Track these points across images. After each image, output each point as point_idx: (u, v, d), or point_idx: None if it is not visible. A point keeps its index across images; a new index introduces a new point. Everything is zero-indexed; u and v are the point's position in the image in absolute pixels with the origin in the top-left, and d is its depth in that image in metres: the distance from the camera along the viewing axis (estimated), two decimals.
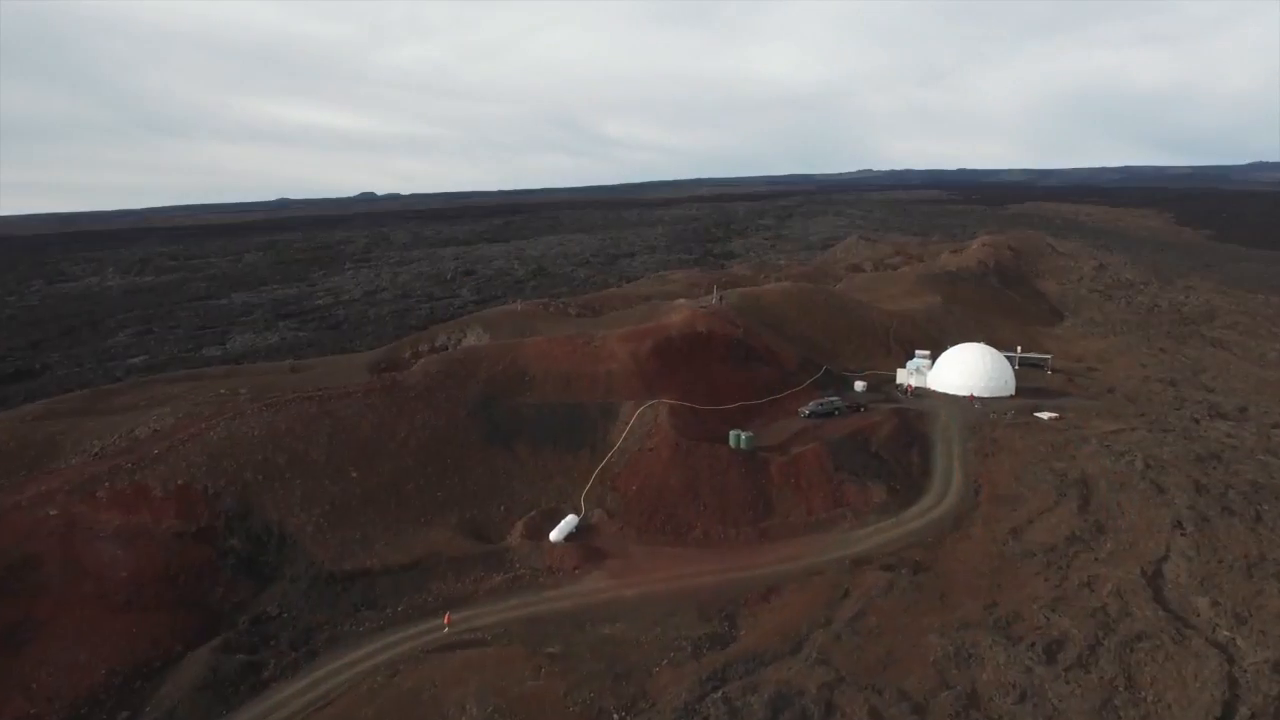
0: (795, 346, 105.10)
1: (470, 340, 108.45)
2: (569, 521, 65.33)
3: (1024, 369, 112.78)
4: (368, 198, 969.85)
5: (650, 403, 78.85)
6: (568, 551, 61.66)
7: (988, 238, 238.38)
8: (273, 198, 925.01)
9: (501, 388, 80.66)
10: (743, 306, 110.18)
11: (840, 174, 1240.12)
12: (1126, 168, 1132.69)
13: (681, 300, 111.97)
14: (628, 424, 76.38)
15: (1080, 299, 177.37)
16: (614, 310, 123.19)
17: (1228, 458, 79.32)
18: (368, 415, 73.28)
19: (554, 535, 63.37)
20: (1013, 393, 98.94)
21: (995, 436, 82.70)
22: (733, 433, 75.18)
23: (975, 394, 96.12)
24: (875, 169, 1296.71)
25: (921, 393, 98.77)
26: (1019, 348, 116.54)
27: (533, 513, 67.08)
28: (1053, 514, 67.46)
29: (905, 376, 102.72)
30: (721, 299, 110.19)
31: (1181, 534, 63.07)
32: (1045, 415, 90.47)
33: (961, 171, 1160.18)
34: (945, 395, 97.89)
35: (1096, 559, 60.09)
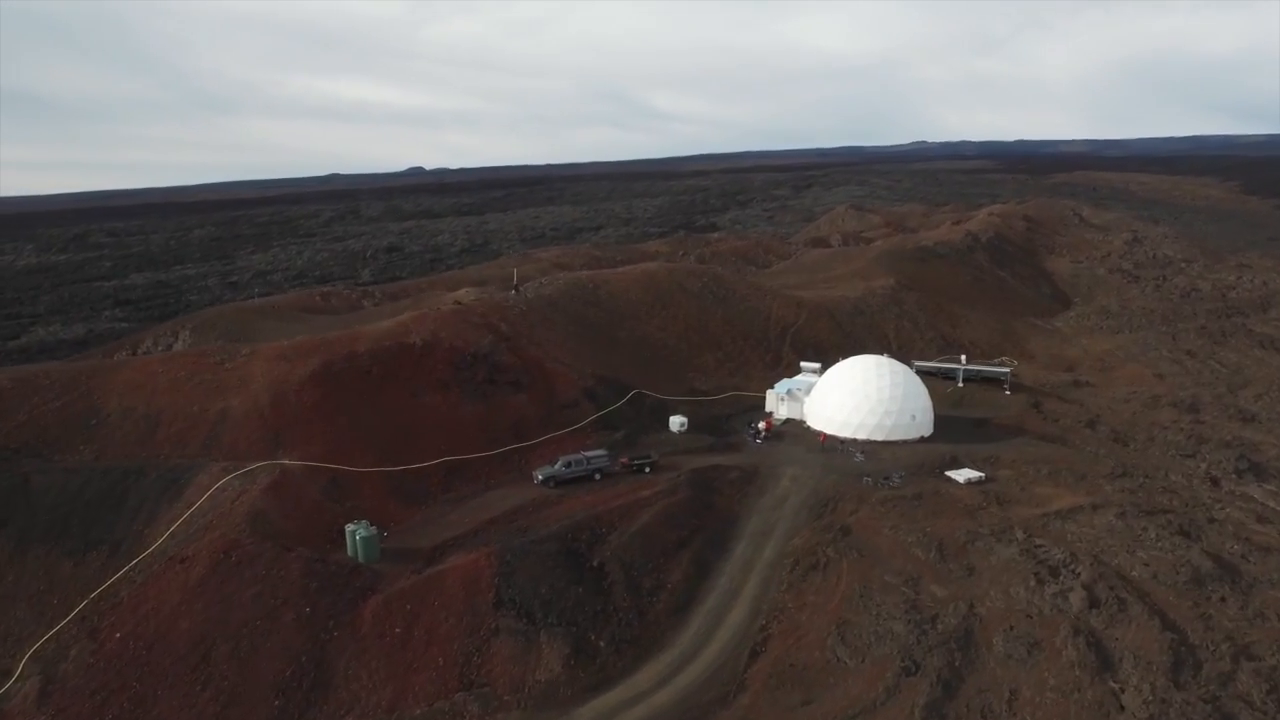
0: (621, 356, 72.41)
1: (179, 347, 78.32)
2: None
3: (971, 387, 78.45)
4: (416, 172, 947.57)
5: (254, 465, 47.56)
6: None
7: (998, 207, 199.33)
8: (324, 173, 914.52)
9: (40, 437, 50.30)
10: (561, 299, 77.52)
11: (894, 146, 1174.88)
12: (1195, 137, 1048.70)
13: (465, 289, 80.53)
14: (192, 505, 45.27)
15: (1096, 281, 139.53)
16: (422, 297, 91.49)
17: (1251, 576, 45.11)
18: None
19: None
20: (928, 432, 65.01)
21: (850, 523, 49.40)
22: (350, 528, 43.49)
23: (838, 435, 62.76)
24: (930, 141, 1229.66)
25: (784, 431, 65.46)
26: (964, 357, 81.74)
27: None
28: (874, 718, 34.62)
29: (774, 403, 69.43)
30: (518, 289, 77.93)
31: None
32: (962, 477, 56.73)
33: (1020, 143, 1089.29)
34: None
35: None
